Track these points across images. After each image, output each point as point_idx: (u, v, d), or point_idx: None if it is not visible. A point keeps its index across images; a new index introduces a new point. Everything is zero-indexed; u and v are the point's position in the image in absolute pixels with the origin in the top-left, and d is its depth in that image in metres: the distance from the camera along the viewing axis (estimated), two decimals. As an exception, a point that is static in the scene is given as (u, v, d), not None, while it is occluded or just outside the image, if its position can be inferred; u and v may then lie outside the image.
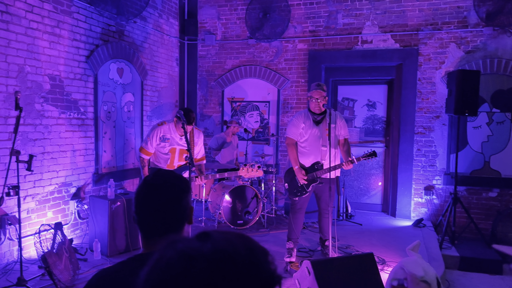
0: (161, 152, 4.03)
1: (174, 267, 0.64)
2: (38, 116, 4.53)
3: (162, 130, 4.01)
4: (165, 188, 1.35)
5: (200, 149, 4.25)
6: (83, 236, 5.08)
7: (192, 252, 0.64)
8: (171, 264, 0.64)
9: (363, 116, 6.92)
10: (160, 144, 3.99)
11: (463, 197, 6.03)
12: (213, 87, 7.38)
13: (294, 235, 4.44)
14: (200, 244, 0.66)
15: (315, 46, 6.76)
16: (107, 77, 5.52)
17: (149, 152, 4.10)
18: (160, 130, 4.00)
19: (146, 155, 4.09)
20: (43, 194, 4.63)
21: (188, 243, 0.67)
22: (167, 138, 3.98)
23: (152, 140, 4.04)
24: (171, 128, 3.99)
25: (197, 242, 0.67)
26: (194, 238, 0.69)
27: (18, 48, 4.26)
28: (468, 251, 5.21)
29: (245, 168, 4.13)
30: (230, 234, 0.71)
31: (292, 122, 4.43)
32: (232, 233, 0.72)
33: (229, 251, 0.65)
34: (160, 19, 6.72)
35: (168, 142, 3.99)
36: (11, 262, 4.17)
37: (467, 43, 6.03)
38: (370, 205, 6.95)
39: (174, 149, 4.01)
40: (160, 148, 4.01)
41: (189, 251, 0.65)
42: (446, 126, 6.20)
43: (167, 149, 4.00)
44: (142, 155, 4.06)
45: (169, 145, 3.99)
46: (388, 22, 6.37)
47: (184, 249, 0.65)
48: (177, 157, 4.05)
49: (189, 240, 0.68)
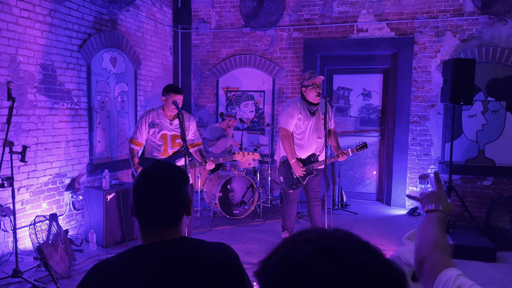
0: (153, 141, 3.96)
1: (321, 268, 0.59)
2: (31, 107, 4.47)
3: (150, 116, 3.93)
4: (164, 178, 1.33)
5: (194, 133, 4.13)
6: (79, 227, 5.07)
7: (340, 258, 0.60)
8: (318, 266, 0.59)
9: (359, 106, 6.91)
10: (150, 131, 3.92)
11: (458, 186, 6.07)
12: (208, 76, 7.32)
13: (289, 225, 4.46)
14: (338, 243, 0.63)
15: (310, 34, 6.71)
16: (100, 67, 5.46)
17: (139, 142, 3.98)
18: (148, 117, 3.92)
19: (136, 146, 3.96)
20: (37, 185, 4.59)
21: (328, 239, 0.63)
22: (156, 123, 3.90)
23: (142, 129, 3.93)
24: (160, 113, 3.92)
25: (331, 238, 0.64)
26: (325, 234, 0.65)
27: (10, 37, 4.18)
28: (462, 239, 5.24)
29: (240, 153, 4.06)
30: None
31: (286, 111, 4.27)
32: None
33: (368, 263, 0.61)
34: (153, 7, 6.63)
35: (158, 128, 3.90)
36: (6, 253, 4.15)
37: (462, 31, 6.01)
38: (365, 194, 6.98)
39: (165, 135, 3.92)
40: (152, 136, 3.94)
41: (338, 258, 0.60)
42: (441, 115, 6.21)
43: (158, 136, 3.93)
44: (132, 146, 3.97)
45: (159, 130, 3.91)
46: (384, 10, 6.33)
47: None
48: (169, 143, 3.96)
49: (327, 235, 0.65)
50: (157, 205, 1.30)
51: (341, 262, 0.59)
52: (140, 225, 1.34)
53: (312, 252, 0.61)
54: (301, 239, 0.65)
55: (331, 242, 0.63)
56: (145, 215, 1.32)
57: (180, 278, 1.21)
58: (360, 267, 0.58)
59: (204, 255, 1.30)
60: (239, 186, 5.67)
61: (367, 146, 4.31)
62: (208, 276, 1.25)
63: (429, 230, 1.18)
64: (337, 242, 0.63)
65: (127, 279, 1.18)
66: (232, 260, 1.34)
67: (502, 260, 4.96)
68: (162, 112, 3.93)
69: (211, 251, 1.33)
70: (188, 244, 1.32)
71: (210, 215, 5.66)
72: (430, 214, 1.26)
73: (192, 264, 1.25)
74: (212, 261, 1.29)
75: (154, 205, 1.30)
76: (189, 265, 1.25)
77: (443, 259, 1.07)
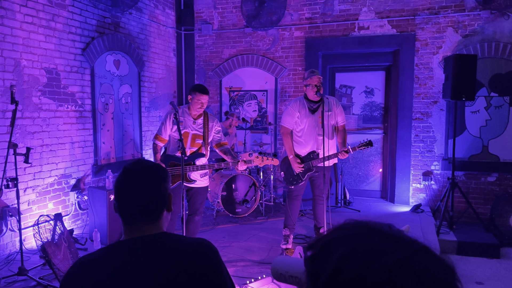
0: (175, 138, 3.98)
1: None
2: (36, 109, 4.58)
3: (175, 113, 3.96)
4: (143, 174, 1.39)
5: (219, 133, 4.09)
6: (84, 227, 5.17)
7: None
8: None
9: (361, 103, 6.92)
10: (173, 128, 3.94)
11: (462, 182, 6.04)
12: (211, 77, 7.39)
13: (290, 222, 4.50)
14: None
15: (312, 33, 6.74)
16: (104, 69, 5.56)
17: (163, 138, 4.00)
18: (172, 114, 3.91)
19: (160, 142, 4.00)
20: (43, 186, 4.70)
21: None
22: (180, 120, 3.91)
23: (166, 125, 3.95)
24: (185, 111, 3.94)
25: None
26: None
27: (14, 42, 4.30)
28: (466, 236, 5.23)
29: (259, 157, 3.88)
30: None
31: (287, 110, 4.41)
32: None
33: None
34: (156, 9, 6.72)
35: (182, 125, 3.91)
36: (13, 252, 4.27)
37: (464, 27, 5.98)
38: (369, 191, 6.98)
39: (187, 133, 3.93)
40: (174, 133, 3.95)
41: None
42: (444, 112, 6.18)
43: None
44: (156, 141, 4.01)
45: (182, 128, 3.90)
46: (385, 8, 6.33)
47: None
48: (189, 142, 3.98)
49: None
50: (136, 201, 1.36)
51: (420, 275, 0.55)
52: (122, 220, 1.40)
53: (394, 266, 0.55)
54: (363, 247, 0.59)
55: (407, 255, 0.57)
56: (125, 211, 1.38)
57: (157, 271, 1.27)
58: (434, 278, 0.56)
59: (183, 249, 1.35)
60: (242, 185, 5.73)
61: (372, 144, 4.19)
62: (187, 270, 1.30)
63: None
64: (411, 255, 0.58)
65: (103, 271, 1.25)
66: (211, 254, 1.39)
67: (506, 256, 4.94)
68: (187, 111, 3.96)
69: (190, 245, 1.38)
70: (167, 239, 1.37)
71: (213, 213, 5.72)
72: None
73: (170, 257, 1.30)
74: (190, 255, 1.34)
75: (133, 201, 1.36)
76: (167, 259, 1.29)
77: None
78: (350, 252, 0.58)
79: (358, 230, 0.63)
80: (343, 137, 4.40)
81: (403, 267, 0.55)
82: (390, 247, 0.58)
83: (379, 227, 0.63)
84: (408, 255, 0.57)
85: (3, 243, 4.26)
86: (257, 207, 5.94)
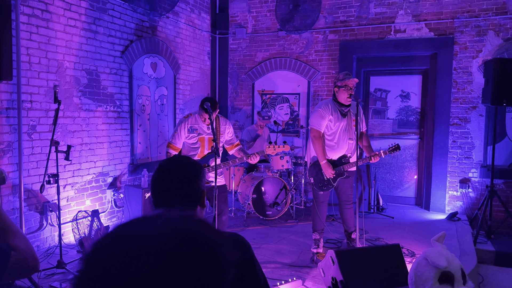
0: (189, 144, 4.06)
1: None
2: (76, 109, 4.77)
3: (189, 121, 4.03)
4: (176, 170, 1.45)
5: (231, 135, 4.17)
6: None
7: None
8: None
9: (396, 107, 6.79)
10: (189, 136, 4.02)
11: (501, 191, 5.81)
12: (244, 80, 7.46)
13: (319, 226, 4.46)
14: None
15: (346, 36, 6.68)
16: (141, 72, 5.72)
17: (177, 147, 4.05)
18: (187, 122, 4.01)
19: (173, 150, 4.04)
20: (81, 183, 4.88)
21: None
22: (195, 128, 4.01)
23: (180, 134, 4.02)
24: (198, 119, 4.03)
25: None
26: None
27: (58, 44, 4.50)
28: (505, 246, 5.03)
29: (271, 146, 4.04)
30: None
31: (318, 113, 4.27)
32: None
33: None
34: (192, 14, 6.86)
35: (196, 132, 4.00)
36: (52, 246, 4.44)
37: (506, 30, 5.77)
38: (403, 198, 6.82)
39: (203, 138, 4.02)
40: (189, 140, 4.05)
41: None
42: (483, 117, 5.98)
43: (196, 139, 4.03)
44: (169, 150, 4.07)
45: (197, 135, 4.00)
46: (422, 11, 6.20)
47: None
48: (206, 145, 4.06)
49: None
50: (169, 195, 1.41)
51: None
52: None
53: None
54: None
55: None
56: (159, 206, 1.43)
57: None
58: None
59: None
60: (272, 188, 5.74)
61: (400, 148, 4.25)
62: None
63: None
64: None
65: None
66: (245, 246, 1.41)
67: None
68: (199, 118, 4.03)
69: (225, 236, 1.41)
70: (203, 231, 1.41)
71: (244, 215, 5.76)
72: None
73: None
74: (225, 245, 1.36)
75: (167, 196, 1.42)
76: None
77: None
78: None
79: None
80: (368, 141, 4.42)
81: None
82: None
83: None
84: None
85: (43, 237, 4.45)
86: (288, 210, 5.93)
